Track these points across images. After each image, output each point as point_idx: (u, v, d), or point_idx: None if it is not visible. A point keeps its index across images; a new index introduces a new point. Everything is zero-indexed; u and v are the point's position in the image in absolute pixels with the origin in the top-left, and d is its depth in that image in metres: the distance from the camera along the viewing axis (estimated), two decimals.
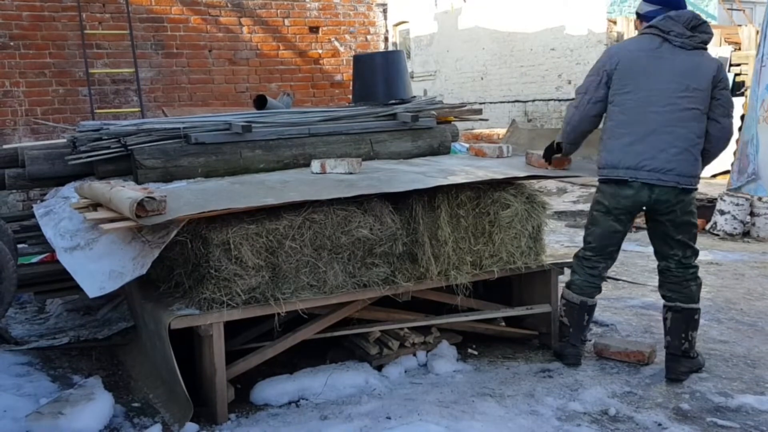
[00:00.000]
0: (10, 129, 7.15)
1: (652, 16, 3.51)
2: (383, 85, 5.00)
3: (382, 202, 3.55)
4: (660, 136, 3.41)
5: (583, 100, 3.62)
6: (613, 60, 3.51)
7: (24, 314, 5.05)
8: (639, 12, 3.65)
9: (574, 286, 3.73)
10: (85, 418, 3.10)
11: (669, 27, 3.42)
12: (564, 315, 3.78)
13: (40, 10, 7.20)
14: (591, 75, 3.61)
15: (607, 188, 3.56)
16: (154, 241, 3.11)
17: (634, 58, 3.46)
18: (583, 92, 3.63)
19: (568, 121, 3.73)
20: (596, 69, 3.58)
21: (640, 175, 3.42)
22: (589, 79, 3.60)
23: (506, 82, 15.78)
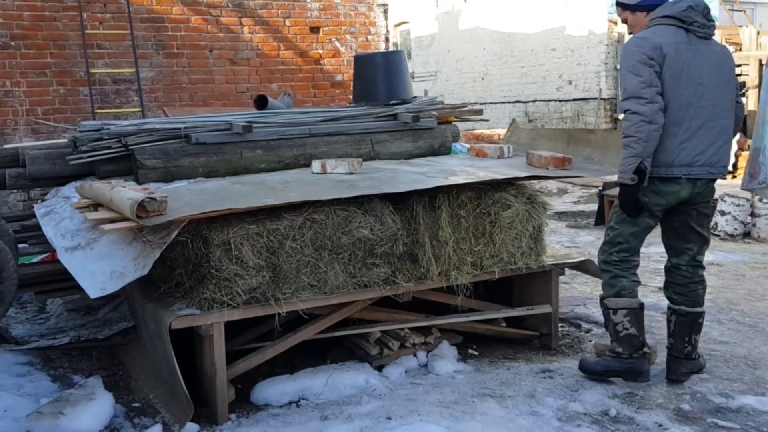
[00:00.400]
0: (11, 129, 7.15)
1: (649, 4, 3.39)
2: (384, 86, 5.00)
3: (383, 202, 3.55)
4: (708, 131, 3.34)
5: (650, 92, 3.21)
6: (658, 52, 3.23)
7: (24, 314, 5.05)
8: (629, 3, 3.45)
9: (626, 292, 3.45)
10: (85, 418, 3.10)
11: (692, 18, 3.30)
12: (630, 326, 3.44)
13: (41, 9, 7.20)
14: (642, 66, 3.23)
15: (649, 186, 3.34)
16: (155, 242, 3.11)
17: (678, 51, 3.26)
18: (647, 84, 3.21)
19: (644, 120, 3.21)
20: (643, 60, 3.23)
21: (693, 171, 3.33)
22: (644, 70, 3.22)
23: (507, 82, 15.78)
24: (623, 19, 3.58)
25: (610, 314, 3.48)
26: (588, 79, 13.82)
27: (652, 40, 3.27)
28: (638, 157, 3.24)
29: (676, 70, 3.26)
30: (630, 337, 3.45)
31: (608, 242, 3.53)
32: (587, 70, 13.83)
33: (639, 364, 3.48)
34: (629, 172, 3.27)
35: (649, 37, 3.29)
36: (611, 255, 3.50)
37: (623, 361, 3.48)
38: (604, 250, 3.55)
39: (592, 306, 4.91)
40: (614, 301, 3.47)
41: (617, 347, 3.49)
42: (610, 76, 13.47)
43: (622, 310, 3.45)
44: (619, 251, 3.49)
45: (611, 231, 3.52)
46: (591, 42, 13.68)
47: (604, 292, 3.54)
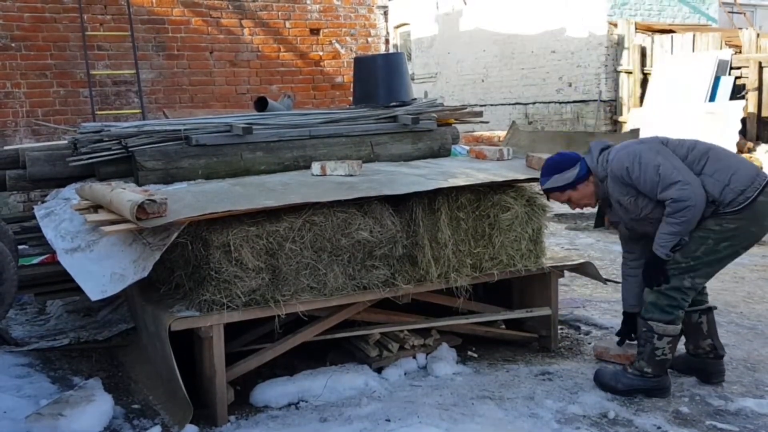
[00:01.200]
0: (11, 130, 7.17)
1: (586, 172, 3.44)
2: (384, 87, 5.00)
3: (383, 204, 3.56)
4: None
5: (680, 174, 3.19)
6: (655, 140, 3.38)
7: (24, 315, 5.06)
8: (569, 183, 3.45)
9: (678, 321, 3.38)
10: (85, 419, 3.10)
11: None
12: (669, 352, 3.38)
13: (42, 11, 7.22)
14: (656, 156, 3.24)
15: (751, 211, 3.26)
16: (154, 243, 3.11)
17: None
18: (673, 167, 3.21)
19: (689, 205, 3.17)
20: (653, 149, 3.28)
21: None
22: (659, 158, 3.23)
23: (507, 84, 15.79)
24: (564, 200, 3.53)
25: (654, 338, 3.36)
26: (588, 81, 13.83)
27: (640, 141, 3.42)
28: (679, 235, 3.27)
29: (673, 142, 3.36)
30: (665, 362, 3.41)
31: (685, 269, 3.31)
32: (587, 72, 13.83)
33: (664, 381, 3.44)
34: (667, 248, 3.29)
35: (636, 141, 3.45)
36: (683, 281, 3.32)
37: (648, 380, 3.41)
38: (674, 275, 3.32)
39: (591, 308, 4.92)
40: (663, 327, 3.35)
41: (646, 367, 3.40)
42: (610, 79, 13.48)
43: (668, 338, 3.36)
44: (694, 284, 3.34)
45: (693, 260, 3.30)
46: (591, 44, 13.69)
47: (653, 313, 3.37)
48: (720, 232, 3.27)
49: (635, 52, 12.91)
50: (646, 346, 3.41)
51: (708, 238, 3.28)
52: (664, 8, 14.35)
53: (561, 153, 3.58)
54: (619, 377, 3.47)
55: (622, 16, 13.55)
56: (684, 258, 3.31)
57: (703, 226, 3.28)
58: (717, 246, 3.28)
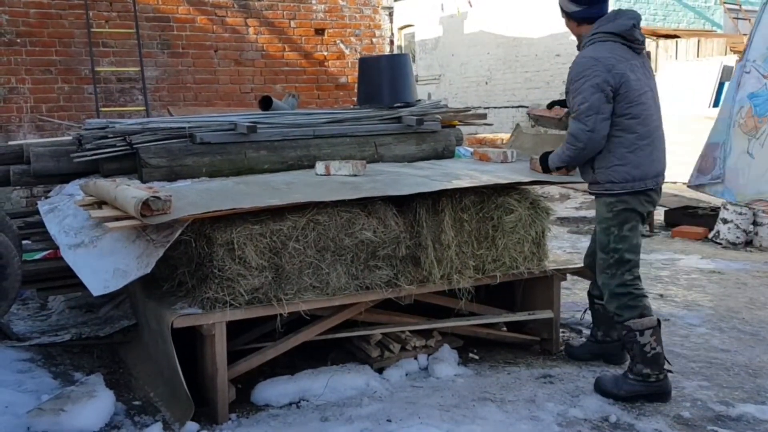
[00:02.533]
0: (16, 125, 7.18)
1: (587, 16, 3.46)
2: (388, 88, 5.00)
3: (386, 204, 3.56)
4: (661, 140, 3.49)
5: (596, 120, 3.30)
6: (615, 74, 3.29)
7: (26, 311, 5.06)
8: (568, 11, 3.55)
9: (647, 311, 3.42)
10: (86, 415, 3.11)
11: (635, 36, 3.39)
12: (656, 345, 3.39)
13: (48, 7, 7.23)
14: (593, 93, 3.28)
15: (635, 198, 3.40)
16: (158, 240, 3.11)
17: (633, 69, 3.35)
18: (594, 112, 3.29)
19: (581, 145, 3.36)
20: (596, 85, 3.28)
21: (660, 180, 3.48)
22: (594, 97, 3.28)
23: (511, 87, 15.79)
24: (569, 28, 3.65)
25: (636, 336, 3.38)
26: None
27: (606, 61, 3.30)
28: (565, 164, 3.56)
29: (636, 87, 3.34)
30: (657, 356, 3.40)
31: (614, 264, 3.43)
32: None
33: (665, 384, 3.42)
34: (554, 166, 3.63)
35: (601, 58, 3.31)
36: (624, 276, 3.43)
37: (650, 384, 3.40)
38: (612, 274, 3.44)
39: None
40: (639, 322, 3.39)
41: (644, 369, 3.39)
42: None
43: (648, 330, 3.38)
44: (631, 269, 3.44)
45: (614, 253, 3.43)
46: None
47: (624, 315, 3.42)
48: (615, 217, 3.42)
49: None
50: (634, 347, 3.42)
51: (609, 229, 3.44)
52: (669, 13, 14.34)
53: None
54: (620, 383, 3.45)
55: None
56: (606, 255, 3.47)
57: (600, 218, 3.48)
58: (621, 231, 3.42)
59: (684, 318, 4.73)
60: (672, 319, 4.71)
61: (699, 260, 6.41)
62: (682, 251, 6.80)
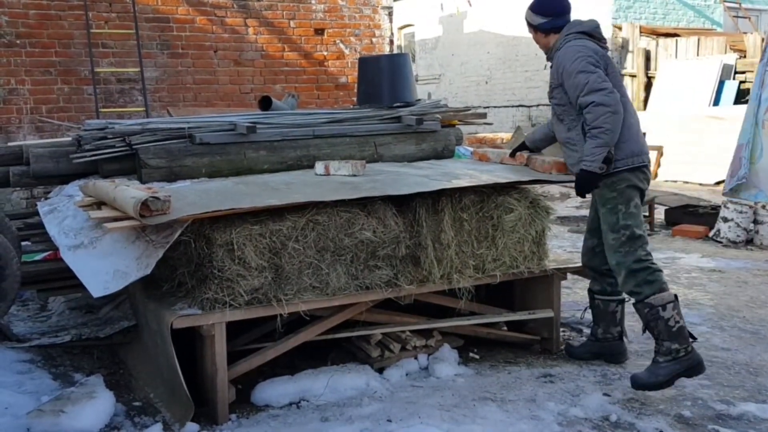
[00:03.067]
0: (15, 126, 7.18)
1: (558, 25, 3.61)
2: (388, 88, 4.99)
3: (386, 204, 3.55)
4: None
5: (609, 84, 3.37)
6: (602, 56, 3.49)
7: (26, 312, 5.06)
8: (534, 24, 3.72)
9: (665, 285, 3.43)
10: (86, 416, 3.10)
11: (601, 34, 3.62)
12: (679, 318, 3.39)
13: (47, 8, 7.23)
14: (594, 67, 3.39)
15: (634, 175, 3.50)
16: (158, 241, 3.11)
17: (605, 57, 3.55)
18: (603, 79, 3.37)
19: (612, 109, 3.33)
20: (592, 61, 3.41)
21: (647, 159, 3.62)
22: (596, 69, 3.39)
23: (511, 86, 15.79)
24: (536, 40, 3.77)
25: (659, 312, 3.36)
26: None
27: (591, 46, 3.49)
28: (606, 146, 3.39)
29: (615, 71, 3.55)
30: (682, 329, 3.39)
31: (627, 241, 3.46)
32: None
33: (695, 355, 3.41)
34: (598, 161, 3.41)
35: (587, 44, 3.50)
36: (638, 252, 3.44)
37: (682, 360, 3.38)
38: (626, 252, 3.45)
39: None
40: (660, 297, 3.38)
41: (673, 344, 3.37)
42: None
43: (670, 304, 3.38)
44: (643, 245, 3.47)
45: (625, 230, 3.46)
46: None
47: (644, 292, 3.40)
48: (620, 195, 3.49)
49: (639, 56, 12.90)
50: (658, 324, 3.39)
51: (617, 207, 3.50)
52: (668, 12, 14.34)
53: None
54: (655, 371, 3.41)
55: (626, 19, 13.54)
56: (617, 234, 3.49)
57: (604, 200, 3.54)
58: (629, 208, 3.49)
59: (684, 316, 4.70)
60: None
61: (699, 259, 6.40)
62: (683, 250, 6.80)
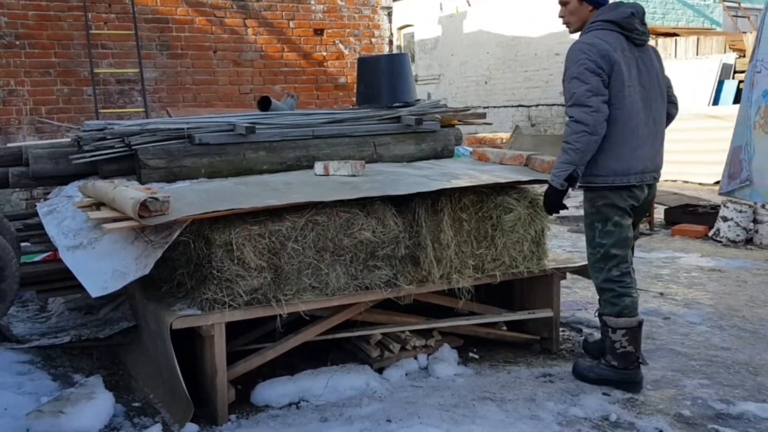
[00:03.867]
0: (15, 127, 7.18)
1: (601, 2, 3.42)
2: (387, 88, 5.00)
3: (385, 204, 3.55)
4: (654, 137, 3.45)
5: (597, 101, 3.22)
6: (607, 60, 3.25)
7: (26, 313, 5.06)
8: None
9: (628, 311, 3.43)
10: (85, 417, 3.10)
11: (633, 25, 3.34)
12: (628, 345, 3.44)
13: (46, 9, 7.23)
14: (590, 74, 3.23)
15: (616, 194, 3.38)
16: (157, 241, 3.11)
17: (625, 58, 3.31)
18: (594, 93, 3.22)
19: (588, 129, 3.22)
20: (591, 68, 3.23)
21: (645, 177, 3.43)
22: (592, 79, 3.22)
23: (510, 86, 15.79)
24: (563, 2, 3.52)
25: (609, 332, 3.49)
26: None
27: (600, 47, 3.27)
28: (573, 165, 3.30)
29: (625, 78, 3.29)
30: (626, 354, 3.48)
31: (601, 259, 3.44)
32: None
33: (633, 374, 3.50)
34: (561, 177, 3.33)
35: (596, 44, 3.28)
36: (611, 272, 3.44)
37: (618, 372, 3.50)
38: (599, 268, 3.46)
39: (593, 311, 4.88)
40: (614, 321, 3.46)
41: (612, 360, 3.52)
42: None
43: (621, 330, 3.45)
44: (618, 264, 3.42)
45: (600, 248, 3.42)
46: None
47: (604, 308, 3.53)
48: (597, 212, 3.43)
49: None
50: (606, 340, 3.56)
51: (593, 224, 3.45)
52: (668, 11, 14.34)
53: None
54: (593, 368, 3.60)
55: None
56: (593, 249, 3.48)
57: (585, 212, 3.50)
58: (605, 227, 3.40)
59: (684, 316, 4.72)
60: (672, 317, 4.71)
61: (699, 258, 6.40)
62: (683, 249, 6.80)
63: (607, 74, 3.26)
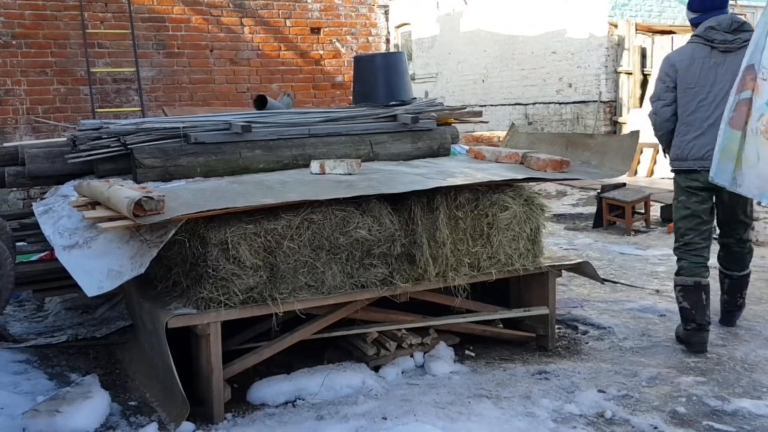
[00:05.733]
0: (11, 127, 7.17)
1: (698, 22, 4.03)
2: (384, 87, 5.00)
3: (381, 203, 3.56)
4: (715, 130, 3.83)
5: (657, 105, 4.12)
6: (672, 67, 4.03)
7: (22, 312, 5.06)
8: (688, 18, 4.17)
9: (683, 271, 4.07)
10: (81, 416, 3.11)
11: (712, 36, 3.95)
12: (682, 300, 4.05)
13: (43, 8, 7.21)
14: (659, 81, 4.11)
15: (679, 176, 4.10)
16: (152, 240, 3.11)
17: (692, 64, 3.96)
18: (656, 98, 4.12)
19: (656, 128, 4.18)
20: (661, 76, 4.09)
21: (706, 164, 3.86)
22: (658, 85, 4.11)
23: (507, 84, 15.78)
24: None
25: (675, 287, 4.14)
26: (588, 82, 13.82)
27: (672, 59, 4.10)
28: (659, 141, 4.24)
29: (687, 81, 3.98)
30: (682, 310, 4.06)
31: (675, 232, 4.19)
32: (587, 73, 13.83)
33: (691, 335, 4.03)
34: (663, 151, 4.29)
35: (670, 57, 4.14)
36: (676, 241, 4.17)
37: (682, 329, 4.10)
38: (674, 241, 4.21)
39: (589, 308, 4.92)
40: (674, 279, 4.14)
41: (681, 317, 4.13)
42: (609, 79, 13.48)
43: (678, 287, 4.09)
44: (681, 236, 4.11)
45: (674, 224, 4.20)
46: (591, 45, 13.69)
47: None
48: (675, 190, 4.18)
49: (635, 53, 12.91)
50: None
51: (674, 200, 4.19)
52: (664, 9, 14.34)
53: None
54: (678, 327, 4.21)
55: (622, 17, 13.54)
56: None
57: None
58: (677, 203, 4.16)
59: None
60: (668, 314, 4.72)
61: None
62: None
63: (672, 80, 4.04)
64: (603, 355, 4.05)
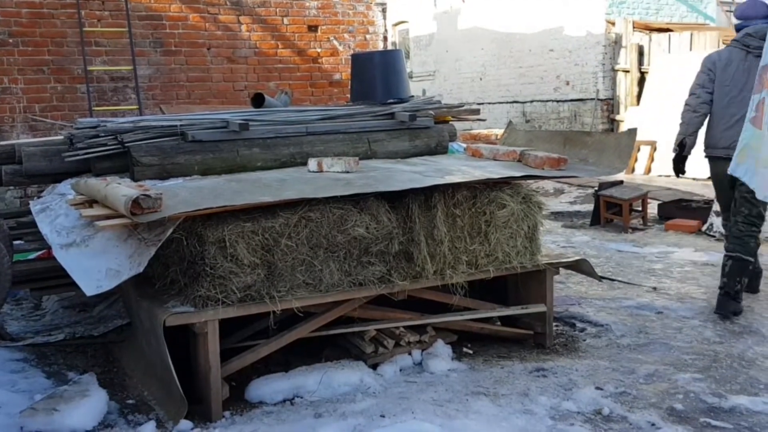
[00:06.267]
0: (8, 125, 7.15)
1: (740, 28, 4.66)
2: (381, 85, 5.00)
3: (379, 201, 3.56)
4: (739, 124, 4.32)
5: (699, 91, 4.69)
6: (714, 64, 4.66)
7: (20, 311, 5.05)
8: (734, 24, 4.74)
9: (728, 244, 4.60)
10: (79, 414, 3.11)
11: (748, 42, 4.56)
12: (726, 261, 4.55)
13: (40, 7, 7.20)
14: (701, 74, 4.72)
15: (710, 162, 4.75)
16: (150, 239, 3.11)
17: (729, 65, 4.60)
18: (699, 86, 4.70)
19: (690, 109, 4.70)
20: (704, 69, 4.71)
21: (731, 153, 4.26)
22: (701, 76, 4.71)
23: (505, 82, 15.78)
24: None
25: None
26: (585, 80, 13.83)
27: (712, 57, 4.76)
28: (681, 135, 4.79)
29: (724, 80, 4.62)
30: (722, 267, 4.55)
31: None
32: (585, 71, 13.83)
33: (723, 299, 4.50)
34: (674, 144, 4.87)
35: (711, 56, 4.79)
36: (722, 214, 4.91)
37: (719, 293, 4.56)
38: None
39: (586, 305, 4.92)
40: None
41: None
42: (607, 77, 13.48)
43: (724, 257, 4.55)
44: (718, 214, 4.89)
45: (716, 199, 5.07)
46: (589, 43, 13.69)
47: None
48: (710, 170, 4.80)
49: (633, 51, 12.91)
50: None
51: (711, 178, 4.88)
52: (661, 7, 14.35)
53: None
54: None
55: (620, 14, 13.54)
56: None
57: None
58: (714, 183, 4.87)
59: (677, 310, 4.75)
60: (665, 311, 4.73)
61: (692, 253, 6.42)
62: (676, 244, 6.82)
63: (714, 74, 4.65)
64: (600, 352, 4.06)
